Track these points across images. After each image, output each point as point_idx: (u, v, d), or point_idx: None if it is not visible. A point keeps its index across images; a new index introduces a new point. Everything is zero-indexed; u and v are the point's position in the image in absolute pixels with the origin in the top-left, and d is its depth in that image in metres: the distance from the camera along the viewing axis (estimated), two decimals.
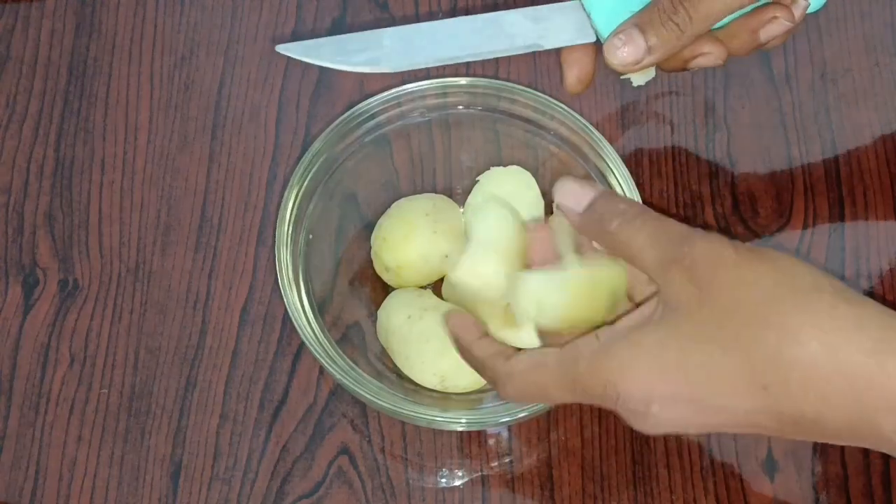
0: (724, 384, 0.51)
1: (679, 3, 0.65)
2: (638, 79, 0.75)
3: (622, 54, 0.67)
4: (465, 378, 0.70)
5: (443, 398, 0.71)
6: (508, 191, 0.73)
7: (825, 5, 0.73)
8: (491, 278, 0.66)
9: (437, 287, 0.75)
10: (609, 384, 0.53)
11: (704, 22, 0.65)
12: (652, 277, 0.54)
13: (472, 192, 0.75)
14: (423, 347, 0.70)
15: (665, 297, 0.53)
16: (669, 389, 0.52)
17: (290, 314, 0.69)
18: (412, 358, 0.71)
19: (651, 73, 0.74)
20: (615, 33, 0.67)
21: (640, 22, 0.67)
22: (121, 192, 0.80)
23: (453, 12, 0.86)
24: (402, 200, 0.75)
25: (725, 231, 0.78)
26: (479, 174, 0.75)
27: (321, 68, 0.84)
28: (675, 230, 0.55)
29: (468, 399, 0.71)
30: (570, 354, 0.55)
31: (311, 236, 0.73)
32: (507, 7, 0.86)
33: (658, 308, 0.54)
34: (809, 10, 0.69)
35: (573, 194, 0.58)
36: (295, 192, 0.72)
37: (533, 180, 0.74)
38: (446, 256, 0.72)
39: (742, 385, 0.51)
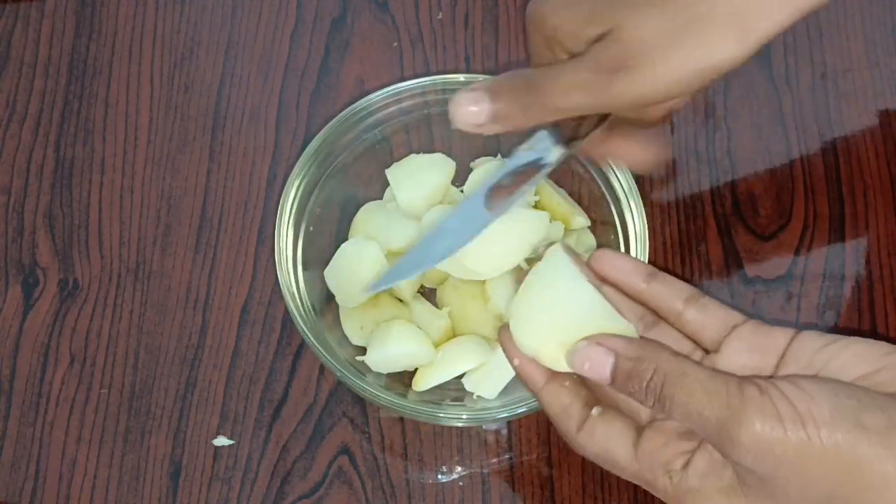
0: None
1: (532, 88, 0.60)
2: None
3: (467, 113, 0.61)
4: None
5: (442, 395, 0.71)
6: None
7: None
8: None
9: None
10: None
11: (550, 114, 0.61)
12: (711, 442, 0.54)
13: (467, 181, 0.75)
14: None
15: (731, 461, 0.54)
16: None
17: (290, 313, 0.69)
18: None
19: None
20: (466, 90, 0.61)
21: (493, 87, 0.61)
22: (121, 192, 0.80)
23: (453, 14, 0.86)
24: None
25: (726, 232, 0.78)
26: None
27: (321, 68, 0.84)
28: (717, 407, 0.52)
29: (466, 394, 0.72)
30: (644, 477, 0.56)
31: (311, 233, 0.74)
32: (506, 6, 0.86)
33: (726, 467, 0.54)
34: None
35: (590, 361, 0.55)
36: (295, 189, 0.72)
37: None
38: None
39: None
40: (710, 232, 0.79)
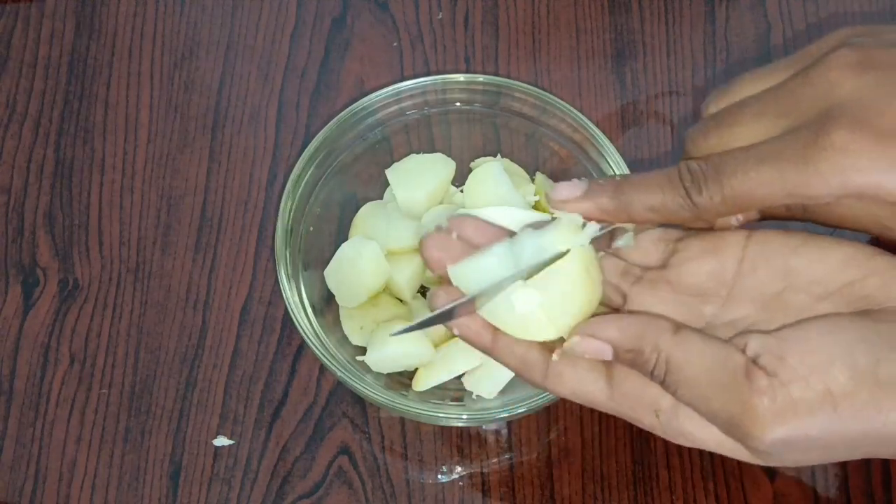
0: None
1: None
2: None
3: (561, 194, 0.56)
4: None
5: (442, 395, 0.71)
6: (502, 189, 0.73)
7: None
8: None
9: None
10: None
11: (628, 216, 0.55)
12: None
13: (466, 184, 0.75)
14: None
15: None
16: None
17: (290, 313, 0.69)
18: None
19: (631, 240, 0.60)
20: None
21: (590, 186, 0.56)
22: (121, 192, 0.80)
23: (453, 14, 0.86)
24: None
25: None
26: None
27: (321, 68, 0.84)
28: (726, 401, 0.49)
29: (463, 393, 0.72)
30: (627, 415, 0.53)
31: (311, 233, 0.74)
32: (506, 6, 0.86)
33: None
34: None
35: (588, 353, 0.52)
36: (295, 188, 0.72)
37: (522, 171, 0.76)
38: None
39: None
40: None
